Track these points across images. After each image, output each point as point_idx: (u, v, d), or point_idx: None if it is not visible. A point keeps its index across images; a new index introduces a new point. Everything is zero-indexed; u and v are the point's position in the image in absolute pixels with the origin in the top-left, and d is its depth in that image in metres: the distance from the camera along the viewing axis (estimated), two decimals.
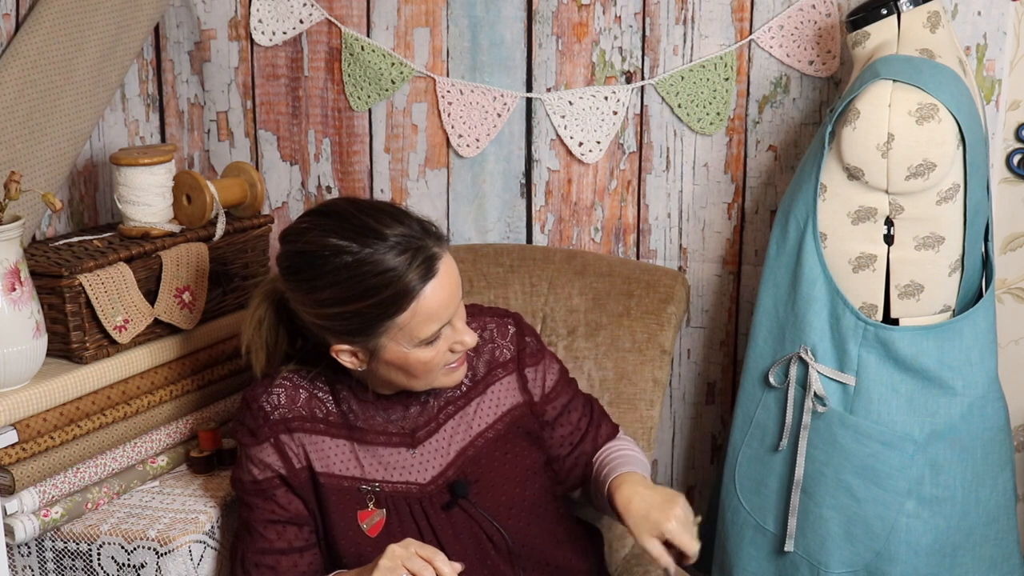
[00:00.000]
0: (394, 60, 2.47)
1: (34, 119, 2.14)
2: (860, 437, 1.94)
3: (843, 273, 1.93)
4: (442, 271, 1.72)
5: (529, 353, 1.94)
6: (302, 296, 1.75)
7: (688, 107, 2.35)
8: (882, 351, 1.92)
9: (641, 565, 2.19)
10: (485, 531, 1.85)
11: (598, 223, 2.46)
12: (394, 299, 1.69)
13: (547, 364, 1.96)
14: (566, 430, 1.96)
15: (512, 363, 1.92)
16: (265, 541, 1.83)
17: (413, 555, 1.64)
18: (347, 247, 1.69)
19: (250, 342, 1.87)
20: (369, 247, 1.68)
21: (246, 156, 2.63)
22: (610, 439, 2.00)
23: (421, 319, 1.71)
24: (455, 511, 1.85)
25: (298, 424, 1.84)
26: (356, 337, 1.73)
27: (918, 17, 1.95)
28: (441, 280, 1.71)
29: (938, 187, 1.85)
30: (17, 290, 1.86)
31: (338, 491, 1.83)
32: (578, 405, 1.99)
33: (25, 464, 1.87)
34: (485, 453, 1.88)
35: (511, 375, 1.92)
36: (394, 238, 1.69)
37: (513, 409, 1.91)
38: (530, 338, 1.95)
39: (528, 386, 1.93)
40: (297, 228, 1.75)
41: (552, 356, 1.99)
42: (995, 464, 1.97)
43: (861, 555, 1.98)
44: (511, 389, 1.92)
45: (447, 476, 1.86)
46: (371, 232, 1.69)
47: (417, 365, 1.75)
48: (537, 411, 1.93)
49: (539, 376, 1.94)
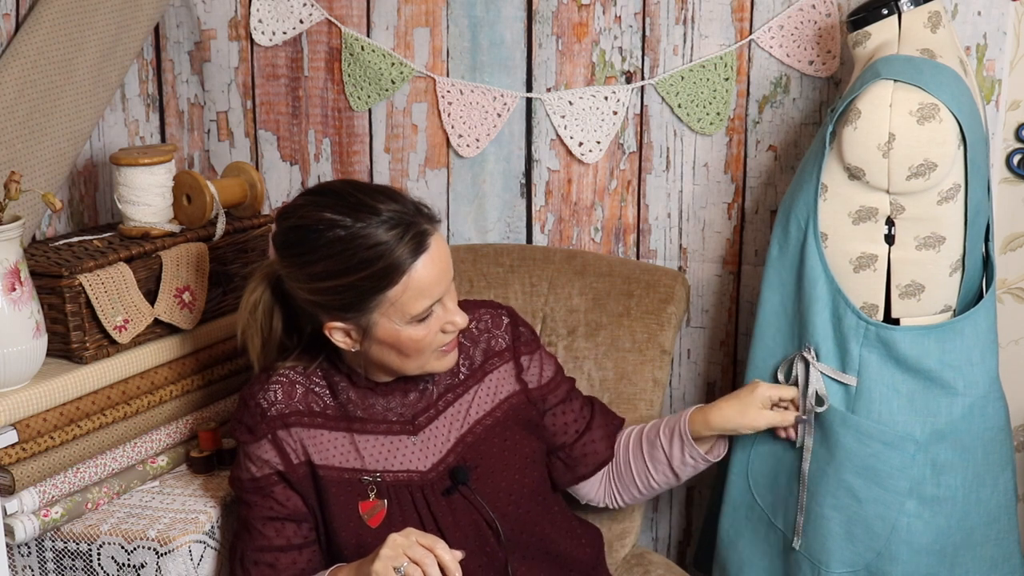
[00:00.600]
0: (394, 60, 2.47)
1: (34, 119, 2.13)
2: (861, 437, 1.94)
3: (844, 273, 1.93)
4: (433, 247, 1.75)
5: (524, 342, 1.97)
6: (296, 271, 1.77)
7: (688, 107, 2.35)
8: (883, 351, 1.92)
9: (641, 565, 2.19)
10: (485, 518, 1.86)
11: (598, 223, 2.46)
12: (385, 272, 1.72)
13: (543, 355, 2.00)
14: (569, 417, 1.99)
15: (508, 352, 1.95)
16: (264, 538, 1.84)
17: (414, 543, 1.65)
18: (340, 221, 1.72)
19: (245, 327, 1.88)
20: (362, 221, 1.72)
21: (246, 156, 2.63)
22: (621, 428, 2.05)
23: (412, 294, 1.73)
24: (455, 497, 1.86)
25: (295, 419, 1.85)
26: (348, 313, 1.75)
27: (919, 17, 1.94)
28: (432, 255, 1.74)
29: (939, 187, 1.84)
30: (17, 290, 1.85)
31: (338, 483, 1.84)
32: (579, 396, 2.03)
33: (25, 464, 1.87)
34: (484, 439, 1.89)
35: (507, 363, 1.95)
36: (387, 213, 1.72)
37: (510, 397, 1.93)
38: (524, 328, 1.99)
39: (523, 375, 1.96)
40: (293, 204, 1.79)
41: (547, 351, 2.02)
42: (996, 464, 1.97)
43: (862, 555, 1.98)
44: (508, 377, 1.94)
45: (447, 462, 1.87)
46: (365, 207, 1.73)
47: (409, 344, 1.77)
48: (535, 398, 1.96)
49: (535, 365, 1.98)
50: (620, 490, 2.06)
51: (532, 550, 1.90)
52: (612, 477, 2.06)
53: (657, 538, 2.61)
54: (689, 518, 2.58)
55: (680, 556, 2.60)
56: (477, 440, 1.89)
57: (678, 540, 2.60)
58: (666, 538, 2.61)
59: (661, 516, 2.59)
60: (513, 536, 1.87)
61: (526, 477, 1.90)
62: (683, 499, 2.57)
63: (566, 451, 1.99)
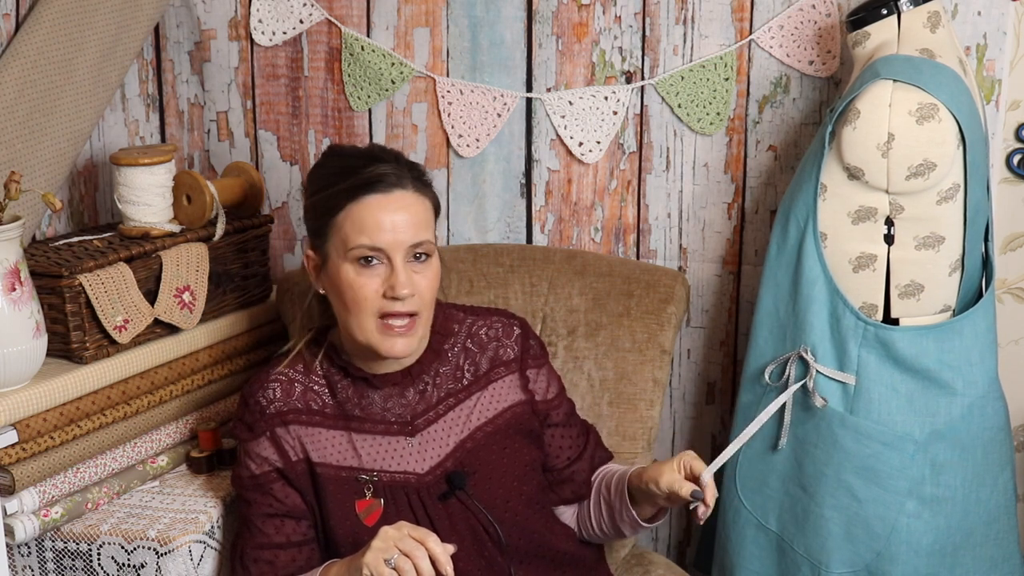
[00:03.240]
0: (394, 60, 2.47)
1: (34, 119, 2.13)
2: (860, 437, 1.94)
3: (843, 273, 1.93)
4: (395, 195, 1.79)
5: (532, 355, 1.97)
6: (305, 202, 1.89)
7: (688, 107, 2.35)
8: (882, 351, 1.92)
9: (641, 565, 2.19)
10: (482, 523, 1.86)
11: (598, 223, 2.46)
12: (338, 194, 1.80)
13: (549, 371, 2.00)
14: (565, 442, 1.98)
15: (515, 363, 1.94)
16: (263, 536, 1.85)
17: (405, 536, 1.65)
18: (346, 155, 1.87)
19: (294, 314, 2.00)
20: (354, 156, 1.85)
21: (246, 156, 2.63)
22: (606, 463, 2.04)
23: (353, 224, 1.78)
24: (452, 502, 1.86)
25: (294, 417, 1.86)
26: (315, 239, 1.85)
27: (918, 17, 1.95)
28: (388, 200, 1.79)
29: (938, 187, 1.85)
30: (17, 290, 1.86)
31: (335, 481, 1.85)
32: (577, 422, 2.03)
33: (25, 464, 1.87)
34: (483, 446, 1.89)
35: (513, 374, 1.94)
36: (376, 153, 1.85)
37: (514, 406, 1.92)
38: (534, 342, 1.99)
39: (529, 386, 1.95)
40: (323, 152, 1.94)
41: (553, 369, 2.02)
42: (995, 464, 1.97)
43: (862, 555, 1.98)
44: (512, 387, 1.93)
45: (445, 467, 1.87)
46: (367, 153, 1.86)
47: (347, 290, 1.79)
48: (540, 411, 1.95)
49: (541, 379, 1.97)
50: (582, 523, 2.03)
51: (531, 555, 1.89)
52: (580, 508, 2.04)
53: (657, 538, 2.61)
54: (689, 518, 2.58)
55: (680, 556, 2.60)
56: (477, 446, 1.89)
57: (678, 540, 2.60)
58: (666, 538, 2.60)
59: None
60: (512, 541, 1.86)
61: (524, 484, 1.90)
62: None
63: (553, 473, 1.98)
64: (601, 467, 2.03)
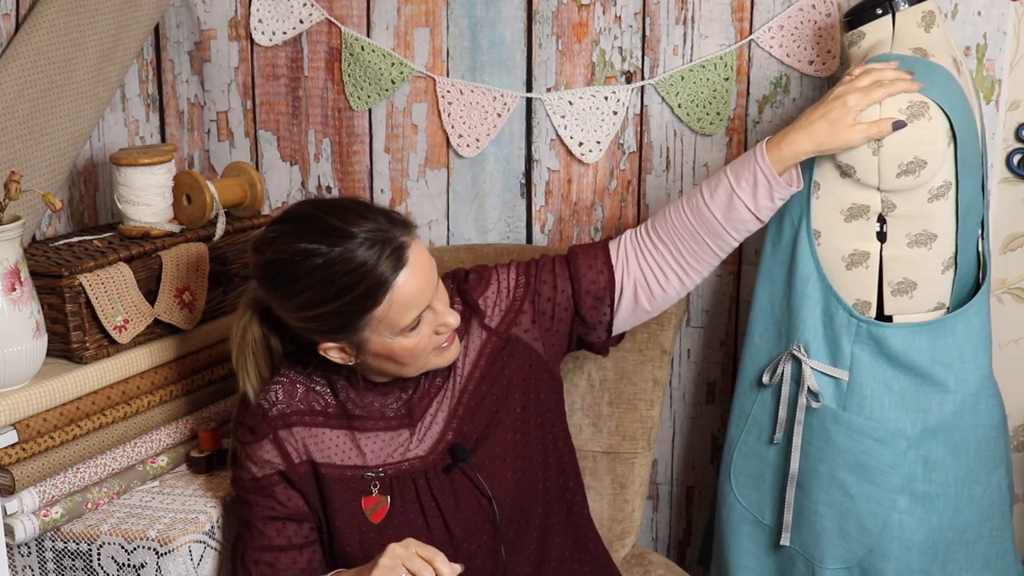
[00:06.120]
0: (394, 60, 2.47)
1: (34, 119, 2.14)
2: (853, 433, 1.95)
3: (836, 270, 1.94)
4: (412, 259, 1.73)
5: (472, 287, 1.94)
6: (281, 302, 1.77)
7: (688, 107, 2.35)
8: (875, 348, 1.92)
9: (641, 565, 2.19)
10: (484, 495, 1.86)
11: (598, 223, 2.46)
12: (369, 293, 1.71)
13: (497, 276, 1.95)
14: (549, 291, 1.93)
15: (468, 311, 1.92)
16: (264, 538, 1.85)
17: (413, 555, 1.66)
18: (316, 249, 1.71)
19: (240, 358, 1.88)
20: (338, 246, 1.70)
21: (246, 156, 2.63)
22: (612, 240, 1.96)
23: (398, 309, 1.73)
24: (456, 475, 1.86)
25: (296, 419, 1.86)
26: (340, 335, 1.76)
27: (912, 17, 1.95)
28: (413, 268, 1.73)
29: (929, 184, 1.85)
30: (17, 290, 1.86)
31: (340, 481, 1.85)
32: (548, 261, 1.95)
33: (25, 464, 1.87)
34: (475, 408, 1.89)
35: (473, 320, 1.92)
36: (362, 234, 1.71)
37: (483, 346, 1.91)
38: (471, 275, 1.95)
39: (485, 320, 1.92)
40: (265, 238, 1.77)
41: (501, 266, 1.96)
42: (989, 461, 1.97)
43: (854, 551, 1.98)
44: (476, 332, 1.92)
45: (446, 440, 1.88)
46: (337, 232, 1.71)
47: (403, 353, 1.78)
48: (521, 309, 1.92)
49: (491, 292, 1.93)
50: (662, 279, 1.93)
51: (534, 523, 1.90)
52: (646, 272, 1.94)
53: (657, 538, 2.61)
54: (689, 518, 2.58)
55: (680, 556, 2.61)
56: (468, 412, 1.89)
57: (678, 540, 2.60)
58: (666, 538, 2.61)
59: (661, 516, 2.60)
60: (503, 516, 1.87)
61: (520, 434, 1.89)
62: (683, 499, 2.57)
63: (579, 319, 1.93)
64: (612, 244, 1.94)
